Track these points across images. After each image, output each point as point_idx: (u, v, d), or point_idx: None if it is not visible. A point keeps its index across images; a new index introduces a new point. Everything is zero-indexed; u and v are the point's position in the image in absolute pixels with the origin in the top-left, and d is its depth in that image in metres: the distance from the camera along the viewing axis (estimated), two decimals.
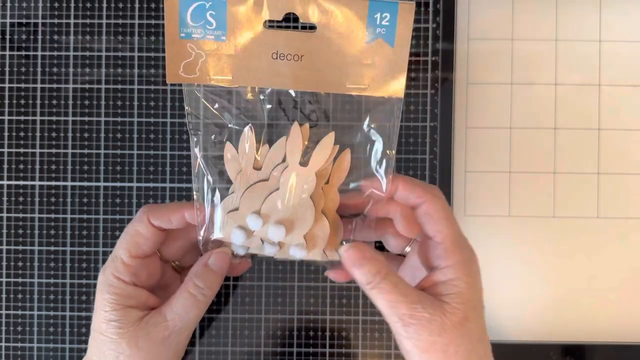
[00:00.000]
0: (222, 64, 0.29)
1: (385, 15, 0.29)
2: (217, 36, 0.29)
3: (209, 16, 0.28)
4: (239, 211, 0.33)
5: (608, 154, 0.42)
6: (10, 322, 0.42)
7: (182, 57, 0.29)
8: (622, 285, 0.42)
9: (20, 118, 0.42)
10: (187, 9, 0.28)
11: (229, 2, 0.28)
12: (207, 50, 0.29)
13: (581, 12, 0.42)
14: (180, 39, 0.29)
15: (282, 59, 0.29)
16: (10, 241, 0.42)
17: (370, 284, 0.30)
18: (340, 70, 0.30)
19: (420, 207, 0.32)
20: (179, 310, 0.31)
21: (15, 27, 0.42)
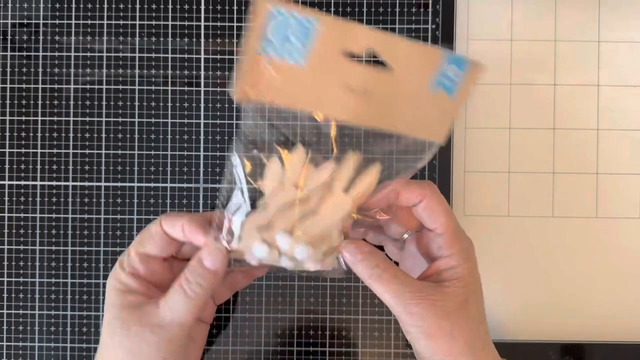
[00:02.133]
0: (293, 87, 0.28)
1: (454, 68, 0.29)
2: (295, 60, 0.27)
3: (291, 36, 0.27)
4: (270, 226, 0.32)
5: (607, 154, 0.42)
6: (12, 322, 0.42)
7: (254, 73, 0.28)
8: (621, 285, 0.42)
9: (22, 118, 0.43)
10: (273, 24, 0.26)
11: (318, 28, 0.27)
12: (282, 72, 0.27)
13: (580, 13, 0.43)
14: (258, 55, 0.27)
15: (350, 91, 0.29)
16: (12, 241, 0.42)
17: (372, 277, 0.32)
18: (398, 110, 0.29)
19: (420, 204, 0.34)
20: (169, 302, 0.31)
21: (16, 28, 0.43)
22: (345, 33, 0.27)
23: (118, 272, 0.33)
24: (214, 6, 0.42)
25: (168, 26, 0.42)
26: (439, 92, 0.29)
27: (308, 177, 0.32)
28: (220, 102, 0.42)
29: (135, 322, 0.31)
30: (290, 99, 0.28)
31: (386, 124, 0.30)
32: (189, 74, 0.42)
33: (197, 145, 0.42)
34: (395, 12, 0.42)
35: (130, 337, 0.31)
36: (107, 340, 0.32)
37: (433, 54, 0.29)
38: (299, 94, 0.28)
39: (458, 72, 0.29)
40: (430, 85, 0.29)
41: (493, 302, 0.42)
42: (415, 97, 0.29)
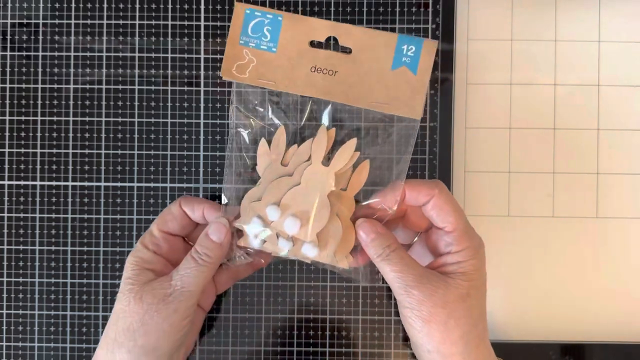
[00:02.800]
0: (269, 70, 0.34)
1: (410, 48, 0.34)
2: (269, 47, 0.34)
3: (265, 30, 0.34)
4: (261, 201, 0.35)
5: (607, 154, 0.42)
6: (11, 322, 0.42)
7: (237, 59, 0.35)
8: (622, 285, 0.42)
9: (21, 118, 0.42)
10: (250, 22, 0.34)
11: (283, 22, 0.34)
12: (258, 57, 0.34)
13: (580, 13, 0.43)
14: (239, 45, 0.34)
15: (318, 72, 0.34)
16: (11, 241, 0.42)
17: (380, 256, 0.33)
18: (367, 88, 0.34)
19: (429, 203, 0.34)
20: (180, 270, 0.34)
21: (16, 28, 0.43)
22: (306, 25, 0.34)
23: (140, 249, 0.36)
24: (214, 6, 0.42)
25: (168, 26, 0.42)
26: (402, 70, 0.34)
27: (291, 154, 0.36)
28: (220, 102, 0.42)
29: (149, 293, 0.34)
30: (268, 80, 0.34)
31: (361, 102, 0.34)
32: (188, 74, 0.42)
33: (196, 145, 0.42)
34: (395, 11, 0.42)
35: (142, 306, 0.33)
36: (119, 310, 0.34)
37: (389, 37, 0.34)
38: (275, 75, 0.34)
39: (415, 50, 0.34)
40: (393, 65, 0.34)
41: (493, 302, 0.42)
42: (381, 77, 0.34)
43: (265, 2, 0.42)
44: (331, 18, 0.42)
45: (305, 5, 0.42)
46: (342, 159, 0.35)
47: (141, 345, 0.33)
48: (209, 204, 0.36)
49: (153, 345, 0.33)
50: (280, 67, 0.34)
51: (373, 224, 0.34)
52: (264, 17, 0.34)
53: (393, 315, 0.42)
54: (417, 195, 0.34)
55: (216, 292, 0.40)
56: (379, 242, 0.34)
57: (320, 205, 0.35)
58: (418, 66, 0.34)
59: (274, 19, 0.34)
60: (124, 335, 0.33)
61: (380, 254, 0.33)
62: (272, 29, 0.34)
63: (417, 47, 0.34)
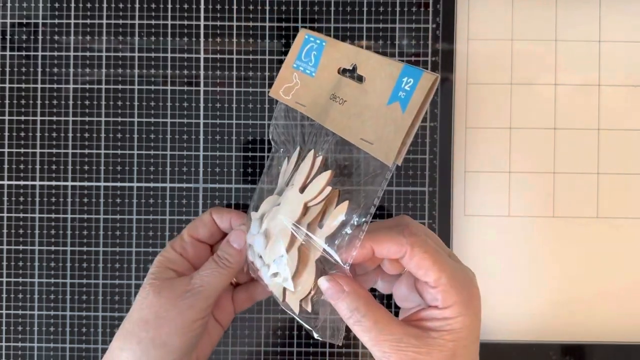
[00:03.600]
0: (305, 93, 0.34)
1: (409, 81, 0.29)
2: (310, 72, 0.33)
3: (312, 55, 0.33)
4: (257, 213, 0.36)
5: (607, 154, 0.42)
6: (11, 322, 0.42)
7: (286, 82, 0.34)
8: (622, 285, 0.42)
9: (21, 118, 0.42)
10: (305, 47, 0.34)
11: (325, 48, 0.33)
12: (302, 81, 0.34)
13: (580, 13, 0.42)
14: (292, 68, 0.34)
15: (334, 100, 0.32)
16: (11, 241, 0.42)
17: (350, 319, 0.30)
18: (360, 123, 0.31)
19: (403, 258, 0.30)
20: (202, 272, 0.35)
21: (15, 28, 0.42)
22: (339, 51, 0.32)
23: (168, 249, 0.37)
24: (214, 6, 0.42)
25: (168, 26, 0.42)
26: (394, 105, 0.29)
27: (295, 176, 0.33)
28: (220, 102, 0.42)
29: (167, 289, 0.34)
30: (302, 103, 0.34)
31: (352, 137, 0.31)
32: (188, 74, 0.42)
33: (196, 145, 0.42)
34: (395, 11, 0.42)
35: (159, 300, 0.34)
36: (137, 302, 0.35)
37: (395, 67, 0.30)
38: (307, 99, 0.33)
39: (413, 84, 0.28)
40: (390, 99, 0.29)
41: (493, 302, 0.42)
42: (376, 112, 0.30)
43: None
44: (331, 18, 0.42)
45: (306, 5, 0.42)
46: (313, 190, 0.32)
47: (151, 338, 0.33)
48: (236, 214, 0.37)
49: (163, 339, 0.33)
50: (312, 92, 0.33)
51: (337, 282, 0.30)
52: (315, 42, 0.33)
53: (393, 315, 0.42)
54: (386, 251, 0.30)
55: (234, 311, 0.39)
56: (346, 305, 0.30)
57: (282, 232, 0.32)
58: (409, 103, 0.29)
59: (319, 44, 0.33)
60: (137, 326, 0.34)
61: (349, 317, 0.30)
62: (317, 54, 0.33)
63: (415, 80, 0.29)
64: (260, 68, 0.42)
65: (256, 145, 0.42)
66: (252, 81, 0.42)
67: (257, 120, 0.42)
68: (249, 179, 0.42)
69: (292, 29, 0.42)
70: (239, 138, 0.42)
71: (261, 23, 0.42)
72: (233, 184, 0.42)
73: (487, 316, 0.42)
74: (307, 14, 0.42)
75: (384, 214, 0.42)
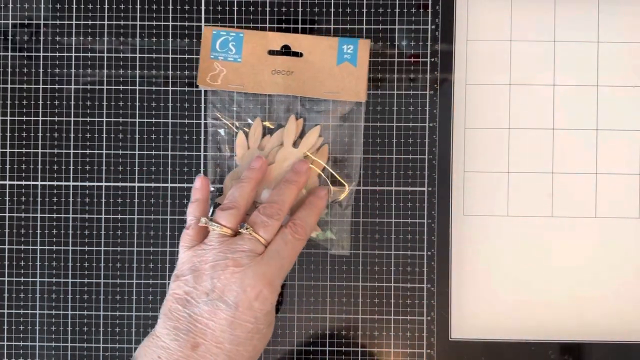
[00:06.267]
0: (237, 76, 0.42)
1: (349, 46, 0.42)
2: (235, 58, 0.42)
3: (231, 45, 0.42)
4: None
5: (606, 154, 0.42)
6: (12, 322, 0.42)
7: (210, 71, 0.42)
8: (620, 285, 0.42)
9: (22, 118, 0.43)
10: (217, 40, 0.42)
11: (245, 37, 0.42)
12: (227, 67, 0.42)
13: (579, 14, 0.43)
14: (210, 59, 0.42)
15: (278, 74, 0.42)
16: (12, 241, 0.43)
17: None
18: (319, 82, 0.42)
19: None
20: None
21: (17, 29, 0.43)
22: (264, 38, 0.42)
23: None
24: (214, 7, 0.43)
25: (168, 26, 0.43)
26: (345, 64, 0.41)
27: (266, 142, 0.42)
28: (221, 102, 0.42)
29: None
30: (238, 85, 0.42)
31: (315, 93, 0.42)
32: (189, 74, 0.43)
33: (197, 145, 0.43)
34: (395, 12, 0.42)
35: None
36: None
37: (331, 41, 0.42)
38: (242, 80, 0.42)
39: (354, 48, 0.41)
40: (338, 61, 0.42)
41: (492, 301, 0.42)
42: (329, 72, 0.42)
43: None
44: (331, 19, 0.42)
45: (306, 6, 0.42)
46: (309, 142, 0.42)
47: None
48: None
49: None
50: (246, 73, 0.42)
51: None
52: (228, 35, 0.42)
53: (393, 315, 0.42)
54: None
55: None
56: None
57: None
58: (357, 60, 0.41)
59: (236, 36, 0.42)
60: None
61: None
62: (237, 44, 0.42)
63: (355, 45, 0.41)
64: None
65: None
66: None
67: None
68: None
69: (292, 30, 0.42)
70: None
71: (262, 24, 0.43)
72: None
73: (486, 315, 0.42)
74: (307, 15, 0.42)
75: (384, 213, 0.42)
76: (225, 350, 0.35)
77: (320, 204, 0.41)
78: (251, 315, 0.36)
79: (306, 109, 0.42)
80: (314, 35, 0.42)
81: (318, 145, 0.42)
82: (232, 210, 0.38)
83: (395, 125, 0.42)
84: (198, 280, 0.36)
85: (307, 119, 0.42)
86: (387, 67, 0.42)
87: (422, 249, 0.42)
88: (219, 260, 0.36)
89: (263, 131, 0.42)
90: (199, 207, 0.39)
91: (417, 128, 0.42)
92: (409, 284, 0.42)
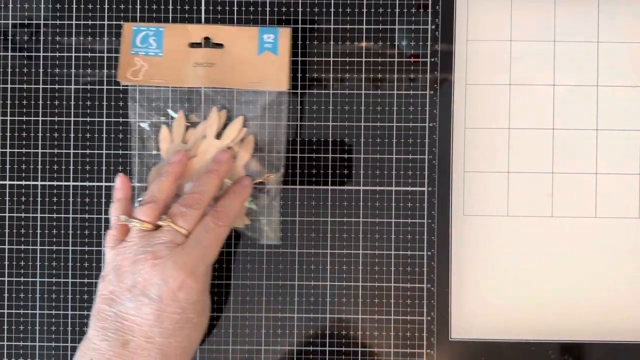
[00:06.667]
0: (158, 71, 0.42)
1: (270, 35, 0.41)
2: (156, 53, 0.42)
3: (151, 40, 0.42)
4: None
5: (606, 154, 0.42)
6: (12, 322, 0.42)
7: (130, 66, 0.42)
8: (620, 284, 0.42)
9: (22, 118, 0.43)
10: (137, 35, 0.42)
11: (165, 32, 0.42)
12: (148, 62, 0.42)
13: (579, 14, 0.43)
14: (131, 54, 0.42)
15: (200, 66, 0.42)
16: (12, 241, 0.43)
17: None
18: (240, 73, 0.42)
19: None
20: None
21: (17, 28, 0.43)
22: (184, 31, 0.42)
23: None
24: (214, 7, 0.43)
25: None
26: (266, 54, 0.41)
27: (190, 135, 0.42)
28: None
29: None
30: (159, 79, 0.42)
31: (238, 84, 0.42)
32: None
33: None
34: (395, 12, 0.42)
35: None
36: None
37: (252, 30, 0.42)
38: (164, 75, 0.42)
39: (274, 37, 0.41)
40: (259, 51, 0.41)
41: (491, 301, 0.42)
42: (250, 62, 0.41)
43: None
44: (331, 19, 0.42)
45: (305, 6, 0.42)
46: (231, 133, 0.41)
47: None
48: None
49: None
50: (167, 67, 0.42)
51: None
52: (148, 30, 0.42)
53: (393, 315, 0.42)
54: None
55: None
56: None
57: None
58: (278, 49, 0.41)
59: (156, 31, 0.42)
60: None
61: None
62: (157, 38, 0.41)
63: (275, 34, 0.41)
64: None
65: (256, 145, 0.43)
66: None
67: (257, 120, 0.43)
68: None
69: (293, 30, 0.42)
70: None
71: (261, 25, 0.43)
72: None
73: (486, 315, 0.42)
74: (307, 15, 0.43)
75: (384, 213, 0.42)
76: (156, 344, 0.35)
77: (243, 192, 0.40)
78: (177, 306, 0.36)
79: (229, 101, 0.42)
80: (234, 25, 0.42)
81: (242, 136, 0.42)
82: (151, 205, 0.38)
83: (395, 125, 0.42)
84: (120, 278, 0.36)
85: (231, 111, 0.42)
86: (387, 67, 0.42)
87: (422, 249, 0.42)
88: (138, 255, 0.36)
89: (187, 124, 0.42)
90: (121, 206, 0.39)
91: (417, 128, 0.42)
92: (409, 284, 0.42)
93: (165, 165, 0.40)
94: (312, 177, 0.42)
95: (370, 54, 0.42)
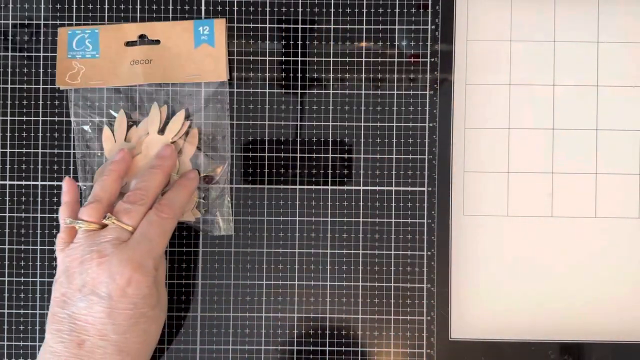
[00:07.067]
0: (96, 73, 0.42)
1: (206, 28, 0.42)
2: (92, 55, 0.42)
3: (87, 43, 0.42)
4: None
5: (606, 154, 0.43)
6: (12, 322, 0.42)
7: (68, 70, 0.42)
8: (620, 284, 0.43)
9: (23, 118, 0.43)
10: (73, 39, 0.42)
11: (100, 33, 0.42)
12: (86, 65, 0.42)
13: (579, 14, 0.43)
14: (67, 58, 0.42)
15: (137, 64, 0.42)
16: (12, 241, 0.43)
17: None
18: (178, 67, 0.42)
19: None
20: None
21: (17, 28, 0.43)
22: (119, 30, 0.42)
23: None
24: (214, 7, 0.43)
25: None
26: (203, 46, 0.42)
27: (133, 133, 0.42)
28: (221, 102, 0.42)
29: None
30: (97, 81, 0.42)
31: (177, 78, 0.42)
32: None
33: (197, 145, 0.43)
34: (395, 12, 0.42)
35: None
36: None
37: (187, 24, 0.42)
38: (102, 76, 0.42)
39: (210, 29, 0.42)
40: (195, 44, 0.42)
41: (491, 301, 0.42)
42: (188, 56, 0.42)
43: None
44: (331, 19, 0.42)
45: (306, 6, 0.42)
46: (174, 127, 0.42)
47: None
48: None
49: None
50: (105, 68, 0.42)
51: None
52: (84, 33, 0.42)
53: (393, 315, 0.42)
54: None
55: None
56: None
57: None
58: (215, 40, 0.42)
59: (92, 33, 0.42)
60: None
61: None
62: (92, 40, 0.42)
63: (210, 26, 0.42)
64: (261, 69, 0.43)
65: (256, 145, 0.43)
66: (253, 82, 0.43)
67: (258, 120, 0.43)
68: (255, 178, 0.43)
69: (293, 30, 0.42)
70: (240, 139, 0.43)
71: (262, 24, 0.43)
72: (241, 184, 0.43)
73: (486, 315, 0.42)
74: (307, 15, 0.43)
75: (384, 213, 0.42)
76: (111, 341, 0.35)
77: (189, 184, 0.41)
78: (128, 302, 0.36)
79: (170, 96, 0.42)
80: (168, 20, 0.42)
81: (185, 129, 0.42)
82: (94, 204, 0.38)
83: (395, 125, 0.42)
84: (70, 279, 0.36)
85: (174, 106, 0.42)
86: (387, 67, 0.42)
87: (422, 249, 0.42)
88: (85, 255, 0.36)
89: (129, 123, 0.42)
90: (68, 209, 0.39)
91: (417, 128, 0.42)
92: (408, 284, 0.42)
93: (109, 164, 0.40)
94: (312, 177, 0.42)
95: (370, 54, 0.42)
